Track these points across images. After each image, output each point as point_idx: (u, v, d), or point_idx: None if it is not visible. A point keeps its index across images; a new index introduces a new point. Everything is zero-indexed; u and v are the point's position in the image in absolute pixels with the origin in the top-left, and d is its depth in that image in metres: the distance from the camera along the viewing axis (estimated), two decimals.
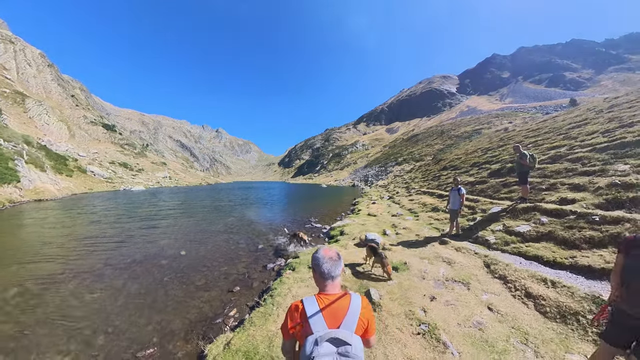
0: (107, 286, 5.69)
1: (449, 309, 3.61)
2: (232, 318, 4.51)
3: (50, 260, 7.45)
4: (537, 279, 3.95)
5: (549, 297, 3.50)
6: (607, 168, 7.24)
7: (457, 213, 7.03)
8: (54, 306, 4.92)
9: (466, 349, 2.80)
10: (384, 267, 4.91)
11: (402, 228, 8.88)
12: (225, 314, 4.60)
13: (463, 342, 2.89)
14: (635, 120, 10.42)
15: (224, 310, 4.73)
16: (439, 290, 4.22)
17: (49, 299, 5.16)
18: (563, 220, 5.52)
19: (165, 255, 7.89)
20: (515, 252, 5.32)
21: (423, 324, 3.27)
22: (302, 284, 4.98)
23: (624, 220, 4.63)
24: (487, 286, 4.19)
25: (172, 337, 3.95)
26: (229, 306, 4.89)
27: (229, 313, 4.64)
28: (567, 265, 4.31)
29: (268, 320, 3.85)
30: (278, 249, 8.52)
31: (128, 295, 5.30)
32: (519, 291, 3.86)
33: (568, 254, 4.57)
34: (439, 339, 2.94)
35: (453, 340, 2.92)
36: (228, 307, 4.85)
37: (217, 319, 4.48)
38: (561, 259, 4.49)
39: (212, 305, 4.96)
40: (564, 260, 4.42)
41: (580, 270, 4.11)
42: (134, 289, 5.57)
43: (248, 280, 6.09)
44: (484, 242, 6.17)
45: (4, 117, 50.84)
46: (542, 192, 7.85)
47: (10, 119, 53.38)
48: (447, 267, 5.07)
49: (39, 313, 4.67)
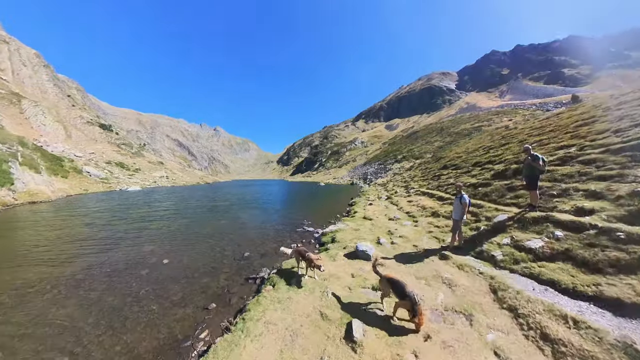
0: (82, 300, 5.49)
1: (446, 353, 2.96)
2: (202, 341, 4.15)
3: (31, 267, 7.35)
4: (556, 315, 3.29)
5: (571, 343, 2.84)
6: (625, 172, 6.46)
7: (459, 224, 6.35)
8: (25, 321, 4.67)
9: None
10: (415, 317, 3.40)
11: (398, 236, 8.21)
12: (196, 336, 4.28)
13: None
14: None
15: (194, 332, 4.40)
16: (436, 325, 3.55)
17: (19, 314, 4.90)
18: (582, 236, 4.81)
19: (147, 263, 7.65)
20: (526, 274, 4.63)
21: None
22: (278, 306, 4.40)
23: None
24: (493, 320, 3.53)
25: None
26: (202, 327, 4.56)
27: (199, 335, 4.31)
28: (591, 296, 3.63)
29: (232, 352, 3.36)
30: (264, 257, 8.13)
31: (101, 311, 5.06)
32: (532, 330, 3.20)
33: (590, 279, 3.88)
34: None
35: None
36: (200, 328, 4.51)
37: (186, 341, 4.16)
38: (582, 286, 3.81)
39: (184, 325, 4.63)
40: (586, 289, 3.73)
41: (607, 303, 3.43)
42: (108, 303, 5.34)
43: (227, 295, 5.74)
44: (490, 258, 5.48)
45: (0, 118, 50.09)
46: (553, 198, 7.07)
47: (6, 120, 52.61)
48: (448, 292, 4.41)
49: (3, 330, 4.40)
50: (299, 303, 4.43)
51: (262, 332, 3.70)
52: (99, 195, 33.48)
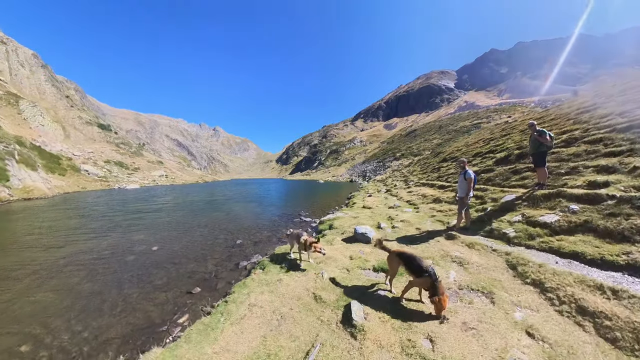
0: (60, 284, 5.19)
1: (469, 336, 2.48)
2: (179, 326, 3.79)
3: (17, 253, 7.12)
4: (590, 286, 2.86)
5: (616, 315, 2.41)
6: (636, 147, 6.19)
7: (465, 201, 5.90)
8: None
9: None
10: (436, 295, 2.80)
11: (399, 221, 7.79)
12: (174, 321, 3.92)
13: None
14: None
15: (173, 317, 4.04)
16: (452, 304, 3.10)
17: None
18: (600, 207, 4.44)
19: (135, 250, 7.34)
20: (545, 249, 4.22)
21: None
22: (266, 289, 3.99)
23: None
24: (518, 297, 3.08)
25: (104, 348, 3.40)
26: (182, 311, 4.20)
27: (178, 320, 3.95)
28: (623, 265, 3.20)
29: (208, 337, 2.94)
30: (258, 244, 7.78)
31: (77, 295, 4.74)
32: (566, 305, 2.76)
33: (619, 249, 3.48)
34: None
35: None
36: (180, 312, 4.15)
37: (162, 326, 3.81)
38: (611, 255, 3.41)
39: (164, 309, 4.27)
40: (617, 259, 3.33)
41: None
42: (86, 288, 5.04)
43: (213, 280, 5.39)
44: (502, 236, 5.05)
45: None
46: (561, 177, 6.80)
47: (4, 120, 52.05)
48: (460, 270, 3.97)
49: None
50: (289, 285, 4.01)
51: (245, 315, 3.25)
52: (97, 192, 33.05)
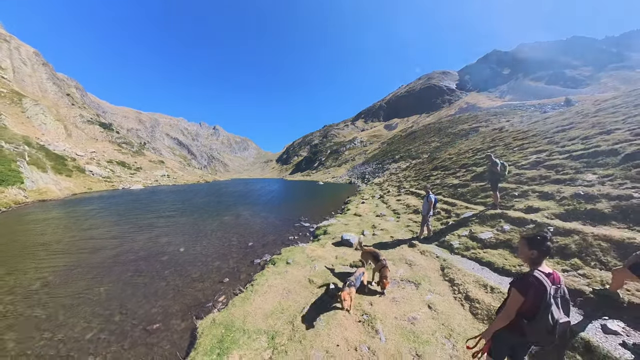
0: (116, 279, 6.62)
1: (392, 304, 4.25)
2: (220, 302, 5.39)
3: (67, 255, 8.52)
4: (480, 284, 4.53)
5: (484, 301, 4.07)
6: (576, 177, 7.39)
7: (427, 218, 7.61)
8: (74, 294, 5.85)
9: (393, 337, 3.43)
10: (383, 279, 4.54)
11: (380, 229, 9.51)
12: (215, 300, 5.51)
13: (393, 332, 3.52)
14: (614, 127, 10.25)
15: (214, 297, 5.65)
16: (392, 288, 4.86)
17: (67, 290, 6.06)
18: (522, 229, 5.96)
19: (166, 252, 8.82)
20: (472, 258, 5.86)
21: (365, 314, 3.98)
22: (277, 276, 5.88)
23: (574, 233, 4.86)
24: (435, 287, 4.79)
25: (173, 317, 4.88)
26: (219, 293, 5.80)
27: (218, 299, 5.54)
28: (513, 273, 4.86)
29: (246, 302, 4.76)
30: (266, 246, 9.40)
31: (135, 286, 6.21)
32: (460, 294, 4.44)
33: (517, 261, 5.10)
34: (374, 327, 3.60)
35: (385, 329, 3.57)
36: (218, 294, 5.76)
37: (208, 303, 5.40)
38: (509, 266, 5.04)
39: (205, 293, 5.87)
40: (512, 268, 4.97)
41: None
42: (140, 281, 6.49)
43: (237, 273, 6.99)
44: (449, 246, 6.75)
45: (3, 117, 50.77)
46: (514, 198, 8.07)
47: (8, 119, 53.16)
48: (407, 269, 5.68)
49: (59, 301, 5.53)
50: (293, 274, 5.95)
51: (266, 291, 5.19)
52: (104, 194, 34.51)
